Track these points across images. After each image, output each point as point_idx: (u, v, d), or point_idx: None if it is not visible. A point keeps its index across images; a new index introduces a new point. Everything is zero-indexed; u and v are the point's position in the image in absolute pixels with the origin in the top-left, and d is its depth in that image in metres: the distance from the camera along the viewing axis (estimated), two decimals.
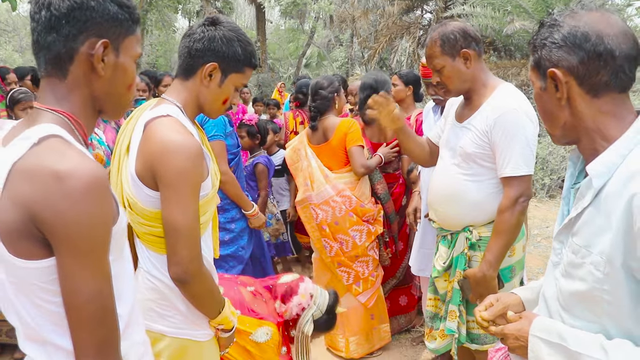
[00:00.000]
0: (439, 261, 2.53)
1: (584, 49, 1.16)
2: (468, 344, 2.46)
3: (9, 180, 0.98)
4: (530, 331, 1.28)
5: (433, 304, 2.66)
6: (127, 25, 1.14)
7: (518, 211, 2.23)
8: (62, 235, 0.98)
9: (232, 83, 1.69)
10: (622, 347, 1.12)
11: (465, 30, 2.32)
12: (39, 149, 1.00)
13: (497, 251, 2.26)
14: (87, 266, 1.01)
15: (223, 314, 1.71)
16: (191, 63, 1.65)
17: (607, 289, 1.14)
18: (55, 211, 0.96)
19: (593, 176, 1.16)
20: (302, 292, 2.14)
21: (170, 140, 1.48)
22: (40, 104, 1.10)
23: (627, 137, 1.15)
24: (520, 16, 10.52)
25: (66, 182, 0.96)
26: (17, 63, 19.58)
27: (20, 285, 1.03)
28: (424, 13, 15.70)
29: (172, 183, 1.48)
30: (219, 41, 1.64)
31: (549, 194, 8.07)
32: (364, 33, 18.43)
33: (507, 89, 2.33)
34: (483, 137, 2.27)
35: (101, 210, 1.01)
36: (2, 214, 0.98)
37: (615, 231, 1.11)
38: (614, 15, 1.20)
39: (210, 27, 1.66)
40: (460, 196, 2.38)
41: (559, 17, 1.23)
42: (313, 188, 3.44)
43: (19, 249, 1.00)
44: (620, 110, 1.18)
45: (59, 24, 1.06)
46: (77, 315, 1.02)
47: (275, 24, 26.86)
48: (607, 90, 1.17)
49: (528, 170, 2.23)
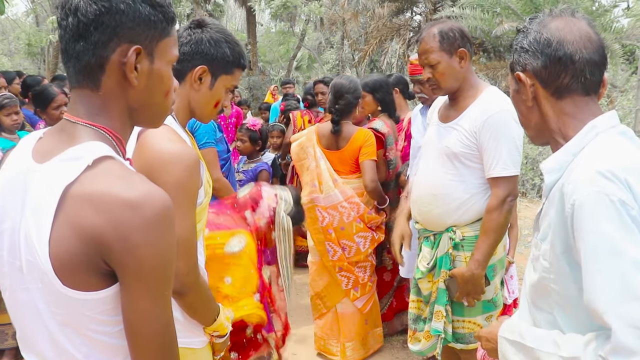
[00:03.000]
0: (423, 262, 2.54)
1: (546, 54, 1.25)
2: (453, 343, 2.47)
3: (66, 205, 0.90)
4: (499, 332, 1.35)
5: (416, 306, 2.66)
6: (161, 27, 1.03)
7: (506, 210, 2.28)
8: (134, 268, 0.91)
9: (222, 85, 1.66)
10: (572, 340, 1.17)
11: (463, 30, 2.37)
12: (96, 172, 0.92)
13: (485, 250, 2.29)
14: (159, 298, 0.95)
15: (218, 320, 1.68)
16: (179, 68, 1.59)
17: (553, 278, 1.21)
18: (129, 243, 0.89)
19: (545, 173, 1.25)
20: (267, 195, 2.10)
21: (166, 150, 1.45)
22: (73, 116, 1.01)
23: (579, 136, 1.23)
24: (509, 17, 10.61)
25: (140, 212, 0.90)
26: (6, 67, 19.43)
27: (67, 316, 0.96)
28: (414, 15, 15.77)
29: (171, 195, 1.45)
30: (206, 43, 1.60)
31: (539, 194, 8.11)
32: (355, 35, 18.49)
33: (494, 91, 2.38)
34: (471, 137, 2.30)
35: (173, 239, 0.96)
36: (61, 243, 0.90)
37: (555, 221, 1.18)
38: (581, 22, 1.27)
39: (197, 30, 1.63)
40: (444, 196, 2.39)
41: (529, 24, 1.32)
42: (321, 191, 3.38)
43: (75, 281, 0.92)
44: (582, 112, 1.25)
45: (87, 31, 0.96)
46: (146, 348, 0.96)
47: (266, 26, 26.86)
48: (569, 93, 1.25)
49: (516, 171, 2.28)
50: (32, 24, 24.06)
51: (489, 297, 2.42)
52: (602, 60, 1.25)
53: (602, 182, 1.09)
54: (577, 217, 1.11)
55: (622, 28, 11.10)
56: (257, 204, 2.08)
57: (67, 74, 1.03)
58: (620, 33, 10.84)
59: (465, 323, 2.47)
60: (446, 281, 2.40)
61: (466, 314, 2.45)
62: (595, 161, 1.14)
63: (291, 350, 3.80)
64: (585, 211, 1.09)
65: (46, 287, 0.94)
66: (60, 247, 0.90)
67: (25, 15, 24.81)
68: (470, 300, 2.37)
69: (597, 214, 1.08)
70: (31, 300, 0.98)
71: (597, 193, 1.08)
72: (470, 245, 2.39)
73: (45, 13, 19.85)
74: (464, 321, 2.47)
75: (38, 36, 19.61)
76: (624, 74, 12.06)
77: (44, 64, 19.97)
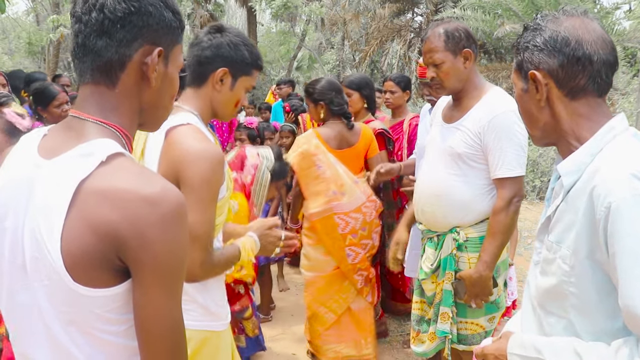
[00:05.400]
0: (426, 263, 2.53)
1: (564, 53, 1.21)
2: (456, 345, 2.46)
3: (79, 201, 0.90)
4: (508, 349, 1.30)
5: (419, 307, 2.65)
6: (177, 33, 1.07)
7: (512, 211, 2.27)
8: (150, 265, 0.92)
9: (242, 86, 1.77)
10: (595, 349, 1.14)
11: (468, 30, 2.37)
12: (110, 168, 0.93)
13: (492, 252, 2.28)
14: (172, 295, 0.96)
15: (240, 261, 1.78)
16: (202, 71, 1.72)
17: (574, 282, 1.19)
18: (146, 240, 0.90)
19: (563, 175, 1.22)
20: (250, 155, 2.32)
21: (194, 148, 1.58)
22: (81, 112, 1.01)
23: (597, 138, 1.20)
24: (510, 19, 10.60)
25: (159, 208, 0.91)
26: (7, 66, 19.40)
27: (74, 314, 0.95)
28: (415, 16, 15.77)
29: (195, 189, 1.56)
30: (226, 47, 1.71)
31: (539, 196, 8.12)
32: (355, 36, 18.48)
33: (499, 92, 2.37)
34: (475, 138, 2.29)
35: (186, 236, 0.97)
36: (74, 239, 0.90)
37: (580, 224, 1.16)
38: (594, 22, 1.24)
39: (217, 34, 1.73)
40: (448, 196, 2.38)
41: (542, 22, 1.27)
42: (344, 195, 3.26)
43: (87, 277, 0.92)
44: (596, 113, 1.23)
45: (113, 28, 0.97)
46: (159, 345, 0.96)
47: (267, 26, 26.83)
48: (584, 94, 1.22)
49: (521, 171, 2.27)
50: (32, 23, 24.04)
51: (492, 299, 2.41)
52: (616, 62, 1.23)
53: (638, 185, 1.07)
54: (613, 221, 1.08)
55: (623, 30, 11.09)
56: (243, 164, 2.30)
57: (80, 70, 1.02)
58: (622, 35, 10.82)
59: (468, 324, 2.46)
60: (454, 283, 2.40)
61: (469, 315, 2.45)
62: (625, 163, 1.12)
63: (290, 350, 3.80)
64: (623, 214, 1.06)
65: (54, 284, 0.93)
66: (73, 243, 0.90)
67: (26, 14, 24.79)
68: (479, 302, 2.36)
69: (636, 217, 1.06)
70: (32, 300, 0.96)
71: (635, 196, 1.06)
72: (474, 247, 2.38)
73: (46, 12, 19.82)
74: (467, 322, 2.46)
75: (38, 35, 19.58)
76: (625, 76, 12.07)
77: (44, 63, 19.94)
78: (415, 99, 12.34)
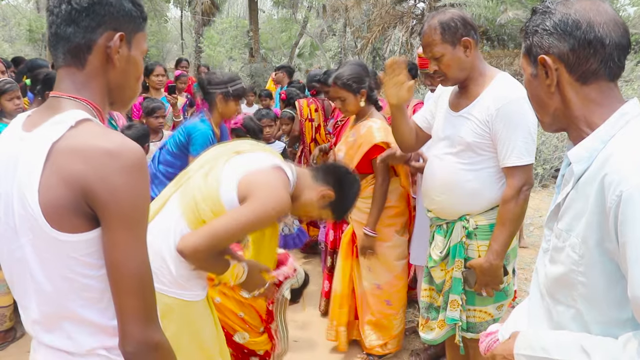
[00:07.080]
0: (436, 251, 2.52)
1: (575, 37, 1.17)
2: (464, 332, 2.47)
3: (53, 158, 1.05)
4: (515, 350, 1.29)
5: (428, 294, 2.66)
6: (138, 22, 1.21)
7: (522, 200, 2.26)
8: (114, 209, 1.05)
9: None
10: (602, 344, 1.13)
11: (464, 17, 2.30)
12: (78, 130, 1.07)
13: (503, 240, 2.27)
14: (137, 237, 1.09)
15: (225, 274, 1.88)
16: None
17: (582, 271, 1.16)
18: (110, 186, 1.04)
19: (574, 162, 1.19)
20: (289, 265, 2.39)
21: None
22: (58, 92, 1.16)
23: (609, 124, 1.17)
24: (513, 5, 10.51)
25: (119, 159, 1.04)
26: (7, 53, 19.34)
27: (54, 259, 1.09)
28: (417, 2, 15.63)
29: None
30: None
31: (541, 184, 8.10)
32: (357, 23, 18.35)
33: (506, 78, 2.33)
34: (484, 126, 2.27)
35: (147, 184, 1.10)
36: (49, 191, 1.05)
37: (590, 212, 1.13)
38: (605, 4, 1.20)
39: None
40: (457, 185, 2.37)
41: (551, 5, 1.23)
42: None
43: (63, 224, 1.06)
44: (608, 98, 1.20)
45: (79, 17, 1.13)
46: (127, 283, 1.08)
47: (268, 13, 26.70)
48: (595, 79, 1.19)
49: (531, 159, 2.25)
50: (32, 10, 23.95)
51: (502, 287, 2.41)
52: (628, 45, 1.19)
53: None
54: (624, 210, 1.04)
55: (628, 17, 11.02)
56: (280, 267, 2.39)
57: (55, 56, 1.17)
58: (627, 22, 10.71)
59: (476, 312, 2.47)
60: (464, 272, 2.39)
61: (478, 303, 2.45)
62: (638, 150, 1.08)
63: (293, 337, 3.81)
64: (635, 203, 1.03)
65: (37, 235, 1.08)
66: (49, 194, 1.05)
67: (26, 1, 24.68)
68: (489, 290, 2.37)
69: None
70: (22, 254, 1.12)
71: None
72: (483, 234, 2.38)
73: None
74: (475, 310, 2.47)
75: (39, 22, 19.54)
76: (629, 63, 11.98)
77: (45, 50, 19.89)
78: (417, 86, 12.28)
